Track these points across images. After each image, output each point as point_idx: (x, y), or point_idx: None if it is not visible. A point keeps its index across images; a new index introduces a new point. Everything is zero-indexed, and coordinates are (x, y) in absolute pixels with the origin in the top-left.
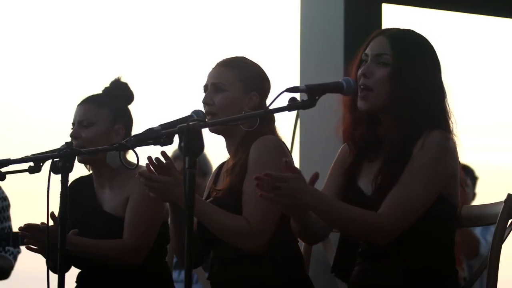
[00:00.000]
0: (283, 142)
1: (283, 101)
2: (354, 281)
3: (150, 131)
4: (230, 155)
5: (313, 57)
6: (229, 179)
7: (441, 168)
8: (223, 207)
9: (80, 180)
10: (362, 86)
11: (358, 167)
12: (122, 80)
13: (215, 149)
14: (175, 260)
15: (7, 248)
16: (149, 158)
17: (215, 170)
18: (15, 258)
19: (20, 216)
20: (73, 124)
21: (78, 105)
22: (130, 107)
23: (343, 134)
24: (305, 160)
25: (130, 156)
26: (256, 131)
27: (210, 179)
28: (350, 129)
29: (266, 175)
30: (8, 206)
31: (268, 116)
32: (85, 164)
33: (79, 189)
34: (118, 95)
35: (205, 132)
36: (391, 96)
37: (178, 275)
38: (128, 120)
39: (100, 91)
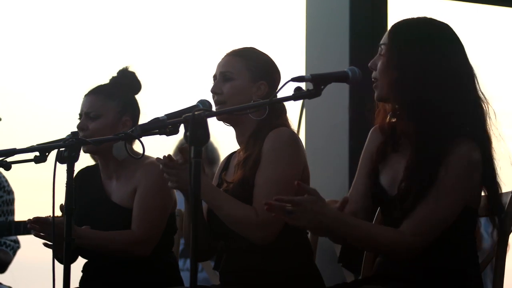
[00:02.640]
0: (297, 135)
1: (289, 90)
2: (375, 272)
3: (155, 120)
4: (240, 146)
5: (319, 46)
6: (242, 172)
7: (469, 184)
8: None
9: (86, 170)
10: (372, 79)
11: (384, 154)
12: (130, 69)
13: (225, 138)
14: (181, 248)
15: (8, 242)
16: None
17: (223, 160)
18: (14, 253)
19: (26, 206)
20: (80, 115)
21: (85, 95)
22: (137, 97)
23: (376, 117)
24: (311, 150)
25: (136, 146)
26: (268, 122)
27: (218, 169)
28: (383, 115)
29: (277, 200)
30: (12, 200)
31: (280, 107)
32: (91, 154)
33: (86, 179)
34: (125, 85)
35: (214, 121)
36: (389, 85)
37: (183, 264)
38: (135, 112)
39: (107, 81)
